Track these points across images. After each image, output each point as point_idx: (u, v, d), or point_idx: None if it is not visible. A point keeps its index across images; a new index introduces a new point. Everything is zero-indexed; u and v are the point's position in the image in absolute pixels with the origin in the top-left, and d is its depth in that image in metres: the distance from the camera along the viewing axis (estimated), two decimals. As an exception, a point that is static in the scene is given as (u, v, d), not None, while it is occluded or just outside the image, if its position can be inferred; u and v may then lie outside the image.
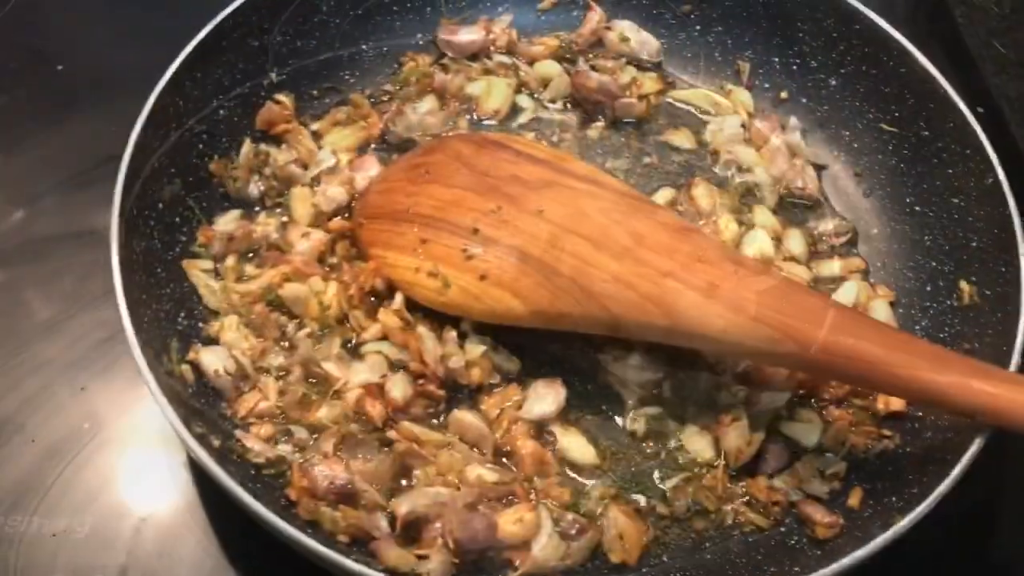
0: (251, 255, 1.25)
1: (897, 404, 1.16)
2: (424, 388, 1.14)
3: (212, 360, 1.12)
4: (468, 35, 1.47)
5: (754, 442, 1.12)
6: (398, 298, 1.19)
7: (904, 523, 0.97)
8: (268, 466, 1.08)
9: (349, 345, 1.18)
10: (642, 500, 1.12)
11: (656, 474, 1.14)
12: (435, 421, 1.14)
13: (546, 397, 1.15)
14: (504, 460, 1.13)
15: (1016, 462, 1.23)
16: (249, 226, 1.25)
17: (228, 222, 1.26)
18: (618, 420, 1.17)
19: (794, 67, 1.45)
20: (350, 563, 0.94)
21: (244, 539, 1.12)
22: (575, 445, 1.14)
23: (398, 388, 1.12)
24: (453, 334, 1.16)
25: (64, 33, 1.61)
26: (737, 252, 1.23)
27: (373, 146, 1.37)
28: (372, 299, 1.21)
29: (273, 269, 1.21)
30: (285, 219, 1.28)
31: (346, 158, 1.33)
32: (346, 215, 1.29)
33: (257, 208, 1.30)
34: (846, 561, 0.95)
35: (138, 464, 1.19)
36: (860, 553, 0.96)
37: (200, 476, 1.16)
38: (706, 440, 1.15)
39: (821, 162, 1.40)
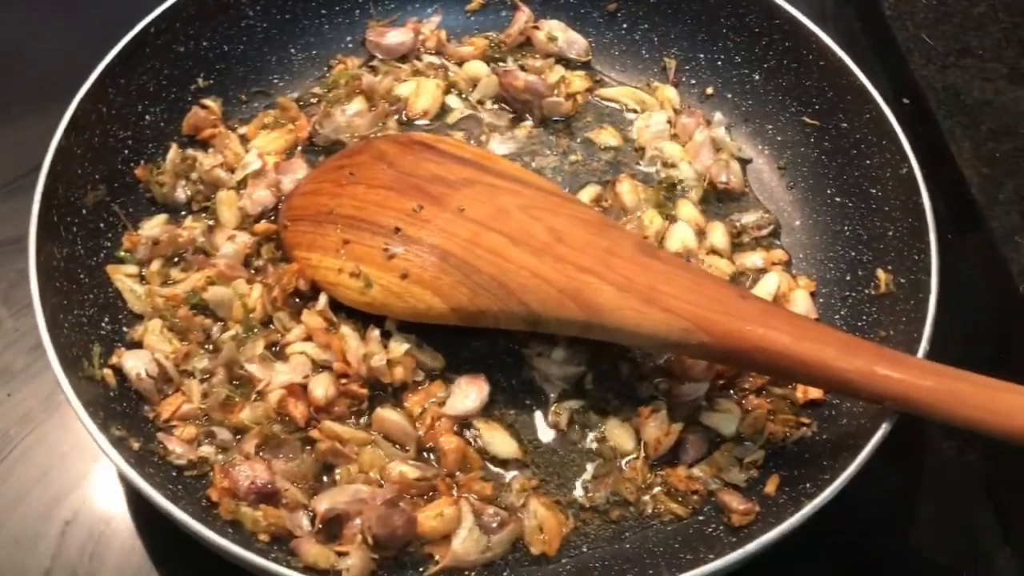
0: (177, 259, 1.25)
1: (815, 392, 1.18)
2: (347, 387, 1.15)
3: (134, 364, 1.12)
4: (397, 37, 1.48)
5: (673, 432, 1.14)
6: (322, 299, 1.20)
7: (808, 508, 0.98)
8: (190, 467, 1.09)
9: (274, 348, 1.19)
10: (562, 492, 1.13)
11: (577, 466, 1.15)
12: (359, 420, 1.15)
13: (469, 393, 1.17)
14: (427, 456, 1.14)
15: (935, 447, 1.26)
16: (175, 230, 1.26)
17: (154, 227, 1.27)
18: (541, 414, 1.18)
19: (719, 63, 1.47)
20: (267, 563, 0.95)
21: (170, 541, 1.12)
22: (498, 440, 1.15)
23: (320, 388, 1.13)
24: (376, 333, 1.18)
25: (-7, 42, 1.62)
26: (653, 246, 1.25)
27: (301, 149, 1.38)
28: (297, 300, 1.22)
29: (198, 272, 1.22)
30: (212, 223, 1.29)
31: (273, 161, 1.34)
32: (272, 218, 1.30)
33: (184, 212, 1.31)
34: (752, 546, 0.97)
35: (63, 468, 1.19)
36: (767, 537, 0.98)
37: (126, 479, 1.17)
38: (627, 432, 1.17)
39: (746, 156, 1.42)
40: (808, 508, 0.98)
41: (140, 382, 1.12)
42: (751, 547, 0.97)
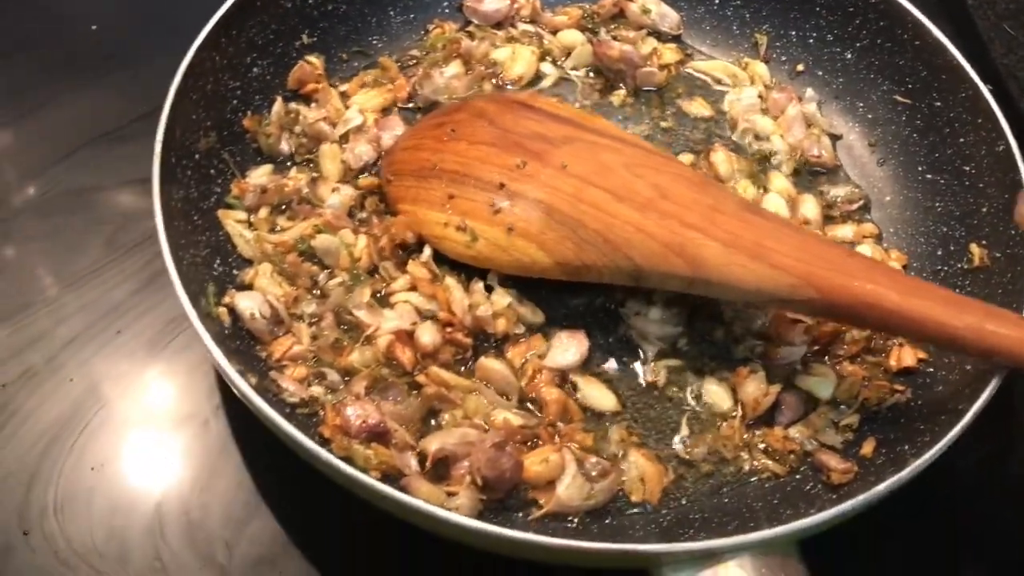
0: (283, 208, 1.28)
1: (909, 360, 1.20)
2: (452, 336, 1.17)
3: (248, 304, 1.15)
4: (493, 4, 1.51)
5: (771, 393, 1.16)
6: (426, 251, 1.22)
7: (918, 463, 0.99)
8: (302, 405, 1.11)
9: (378, 295, 1.21)
10: (660, 446, 1.15)
11: (675, 422, 1.17)
12: (462, 368, 1.18)
13: (570, 348, 1.19)
14: (528, 406, 1.16)
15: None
16: (281, 180, 1.29)
17: (261, 175, 1.30)
18: (638, 370, 1.20)
19: (810, 40, 1.49)
20: (394, 492, 0.96)
21: (277, 477, 1.16)
22: (596, 393, 1.17)
23: (427, 335, 1.16)
24: (480, 286, 1.20)
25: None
26: (756, 205, 1.26)
27: (399, 107, 1.41)
28: (401, 252, 1.24)
29: (305, 221, 1.24)
30: (315, 175, 1.32)
31: (372, 118, 1.37)
32: (373, 172, 1.32)
33: (288, 163, 1.34)
34: (861, 498, 0.98)
35: (174, 404, 1.22)
36: (874, 492, 0.99)
37: (233, 414, 1.20)
38: (724, 391, 1.18)
39: (836, 132, 1.44)
40: (917, 463, 0.99)
41: (253, 322, 1.15)
42: (857, 500, 0.98)
